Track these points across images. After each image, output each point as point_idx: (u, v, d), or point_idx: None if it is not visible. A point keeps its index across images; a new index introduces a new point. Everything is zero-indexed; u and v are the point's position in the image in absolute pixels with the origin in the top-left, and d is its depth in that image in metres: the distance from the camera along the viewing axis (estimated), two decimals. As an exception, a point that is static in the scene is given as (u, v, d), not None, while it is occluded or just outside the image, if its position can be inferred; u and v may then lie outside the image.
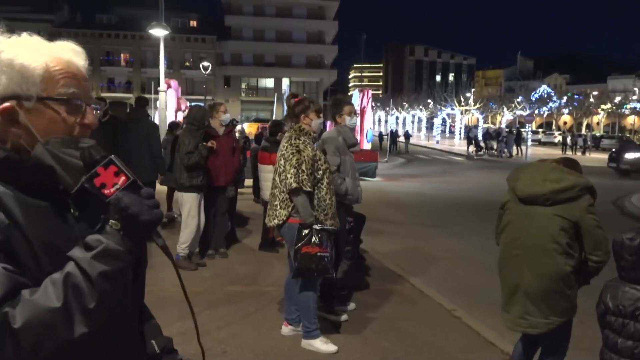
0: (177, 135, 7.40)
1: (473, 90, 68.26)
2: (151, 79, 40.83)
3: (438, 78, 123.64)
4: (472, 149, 35.74)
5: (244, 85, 62.12)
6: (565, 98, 64.74)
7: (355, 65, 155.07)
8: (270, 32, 60.66)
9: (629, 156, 22.93)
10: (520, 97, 57.22)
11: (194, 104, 11.02)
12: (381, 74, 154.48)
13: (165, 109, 15.87)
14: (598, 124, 65.97)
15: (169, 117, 15.52)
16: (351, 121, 5.00)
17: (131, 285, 1.18)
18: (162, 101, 16.04)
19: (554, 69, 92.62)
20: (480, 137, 39.20)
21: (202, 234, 6.45)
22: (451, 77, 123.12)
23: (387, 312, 5.15)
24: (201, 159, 6.10)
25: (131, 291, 1.21)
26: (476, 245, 8.45)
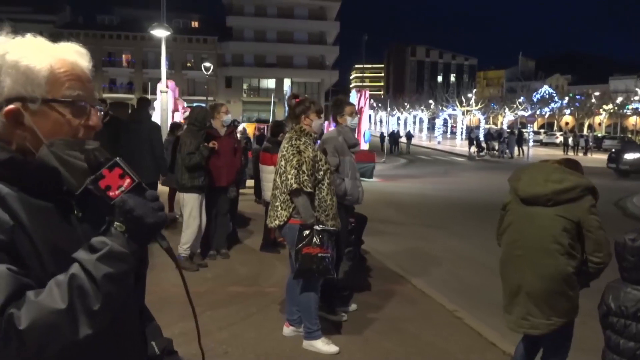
0: (179, 135, 7.41)
1: (474, 90, 68.03)
2: (153, 79, 40.80)
3: (439, 78, 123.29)
4: (473, 149, 35.72)
5: (245, 86, 62.07)
6: (567, 98, 64.59)
7: (356, 66, 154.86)
8: (271, 32, 60.61)
9: (629, 157, 22.89)
10: (522, 98, 57.18)
11: (195, 104, 11.02)
12: (382, 74, 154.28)
13: (167, 109, 15.87)
14: (600, 124, 65.84)
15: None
16: (352, 122, 5.01)
17: (133, 287, 1.18)
18: (164, 102, 16.05)
19: (555, 70, 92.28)
20: (481, 138, 39.11)
21: (204, 235, 6.46)
22: (453, 78, 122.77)
23: (388, 313, 5.15)
24: (202, 160, 6.11)
25: (133, 292, 1.22)
26: (478, 245, 8.44)
